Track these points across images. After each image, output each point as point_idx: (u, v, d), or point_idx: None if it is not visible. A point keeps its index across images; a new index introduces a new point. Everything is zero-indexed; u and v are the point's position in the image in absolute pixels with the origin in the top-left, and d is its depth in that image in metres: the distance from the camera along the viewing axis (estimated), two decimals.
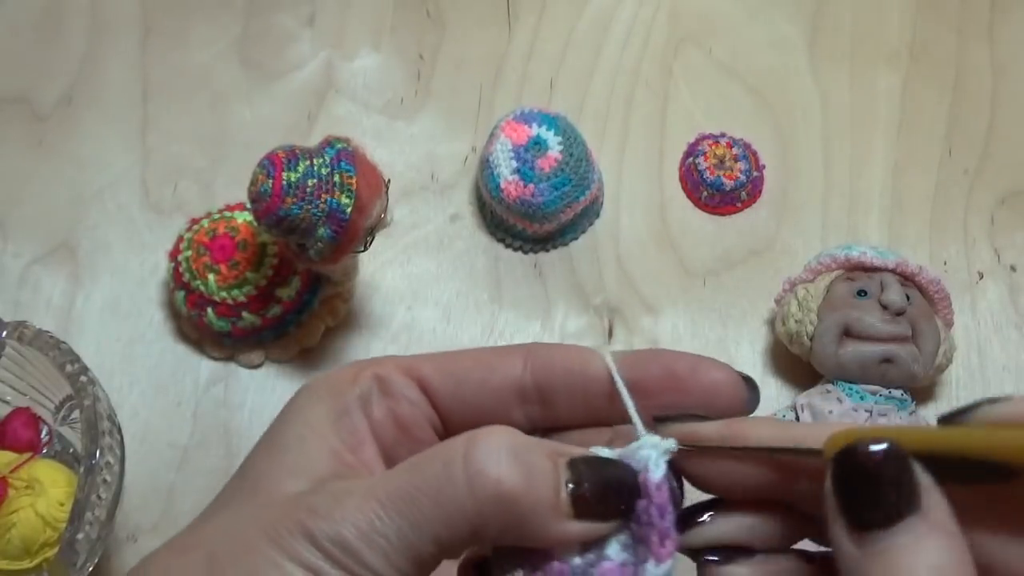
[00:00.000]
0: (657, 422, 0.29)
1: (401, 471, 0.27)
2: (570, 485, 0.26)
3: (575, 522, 0.26)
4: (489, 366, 0.31)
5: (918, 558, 0.23)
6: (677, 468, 0.29)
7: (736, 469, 0.28)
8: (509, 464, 0.26)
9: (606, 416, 0.31)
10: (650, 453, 0.28)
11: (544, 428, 0.32)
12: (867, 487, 0.24)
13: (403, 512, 0.26)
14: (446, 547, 0.26)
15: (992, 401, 0.24)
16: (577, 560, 0.27)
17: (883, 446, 0.24)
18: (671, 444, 0.28)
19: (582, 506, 0.26)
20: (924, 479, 0.24)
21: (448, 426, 0.32)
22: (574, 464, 0.27)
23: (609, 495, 0.27)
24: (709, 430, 0.28)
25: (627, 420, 0.30)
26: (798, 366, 0.57)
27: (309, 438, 0.29)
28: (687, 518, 0.29)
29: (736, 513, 0.29)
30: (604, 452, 0.28)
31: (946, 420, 0.25)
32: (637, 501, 0.27)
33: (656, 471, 0.27)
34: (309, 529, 0.26)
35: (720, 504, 0.29)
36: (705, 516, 0.29)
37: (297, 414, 0.30)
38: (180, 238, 0.57)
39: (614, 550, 0.27)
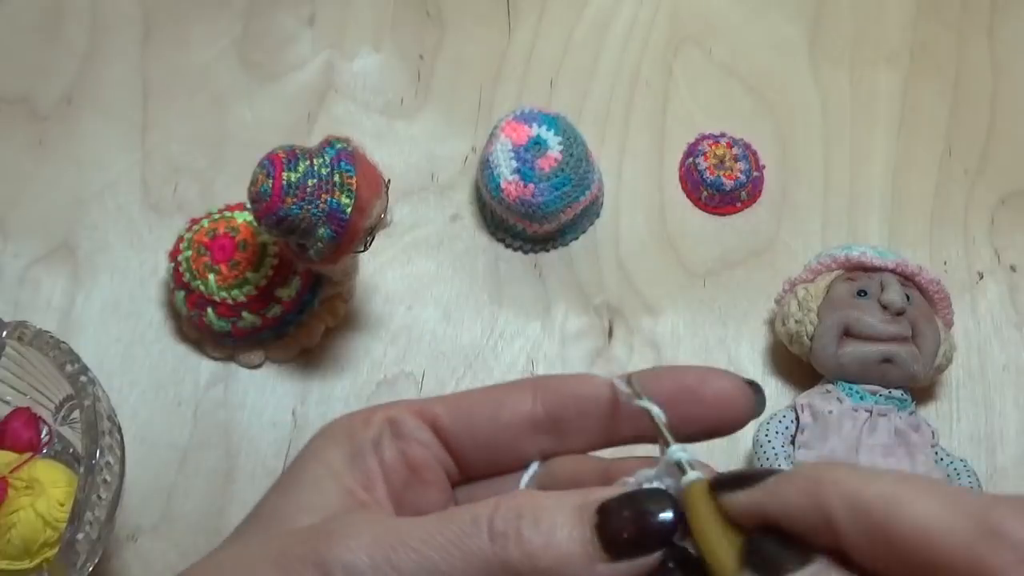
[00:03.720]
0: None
1: (427, 518, 0.27)
2: (600, 531, 0.27)
3: (616, 563, 0.26)
4: (498, 401, 0.32)
5: None
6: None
7: None
8: (531, 528, 0.26)
9: (618, 439, 0.32)
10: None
11: (556, 456, 0.32)
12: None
13: (422, 552, 0.26)
14: None
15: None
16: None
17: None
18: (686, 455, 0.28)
19: (617, 549, 0.26)
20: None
21: (461, 465, 0.32)
22: (603, 510, 0.27)
23: (645, 533, 0.27)
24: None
25: (638, 439, 0.31)
26: (798, 366, 0.57)
27: (324, 477, 0.30)
28: None
29: None
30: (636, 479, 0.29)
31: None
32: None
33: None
34: (321, 555, 0.26)
35: None
36: None
37: (313, 456, 0.31)
38: (180, 238, 0.56)
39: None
